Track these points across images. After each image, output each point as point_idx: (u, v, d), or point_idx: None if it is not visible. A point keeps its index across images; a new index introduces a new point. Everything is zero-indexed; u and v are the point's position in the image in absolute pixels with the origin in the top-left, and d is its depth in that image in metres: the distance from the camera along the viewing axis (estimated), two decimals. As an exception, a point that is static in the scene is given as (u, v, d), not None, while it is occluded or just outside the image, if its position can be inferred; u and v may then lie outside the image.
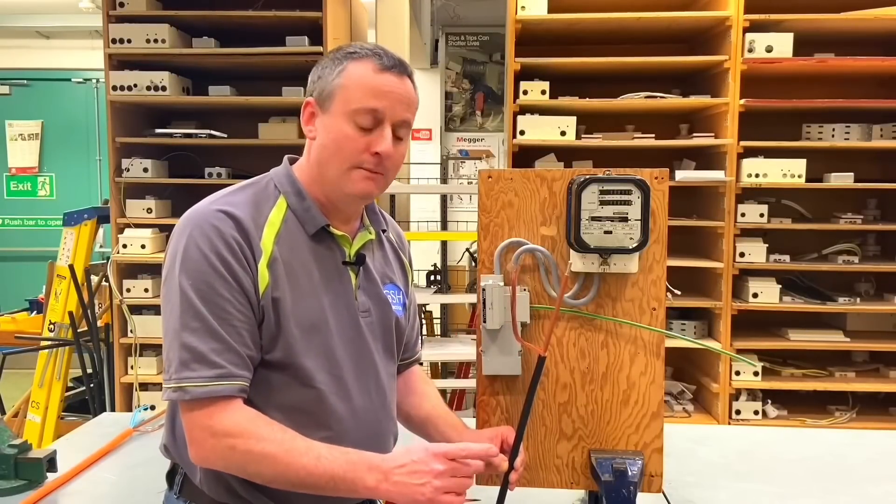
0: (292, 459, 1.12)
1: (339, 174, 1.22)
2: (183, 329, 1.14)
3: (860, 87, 3.37)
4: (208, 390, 1.13)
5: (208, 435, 1.13)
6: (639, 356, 1.39)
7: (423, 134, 6.31)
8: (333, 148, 1.21)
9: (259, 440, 1.13)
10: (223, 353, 1.14)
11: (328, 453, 1.14)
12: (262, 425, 1.15)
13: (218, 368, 1.13)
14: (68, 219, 3.73)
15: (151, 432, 2.06)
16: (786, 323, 3.31)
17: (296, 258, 1.22)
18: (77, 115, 7.09)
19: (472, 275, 4.53)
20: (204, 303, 1.14)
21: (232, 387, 1.14)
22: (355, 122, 1.20)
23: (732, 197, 3.15)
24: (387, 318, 1.35)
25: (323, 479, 1.13)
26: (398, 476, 1.13)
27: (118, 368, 3.51)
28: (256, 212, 1.22)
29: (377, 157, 1.21)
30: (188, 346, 1.13)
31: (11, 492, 1.65)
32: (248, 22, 3.38)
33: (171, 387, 1.14)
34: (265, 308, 1.18)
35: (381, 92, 1.20)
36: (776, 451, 2.03)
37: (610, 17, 3.14)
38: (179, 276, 1.15)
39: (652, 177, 1.36)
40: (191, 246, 1.16)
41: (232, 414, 1.14)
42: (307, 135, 1.27)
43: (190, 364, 1.13)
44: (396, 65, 1.23)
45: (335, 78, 1.22)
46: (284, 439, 1.14)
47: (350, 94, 1.20)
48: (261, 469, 1.13)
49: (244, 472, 1.15)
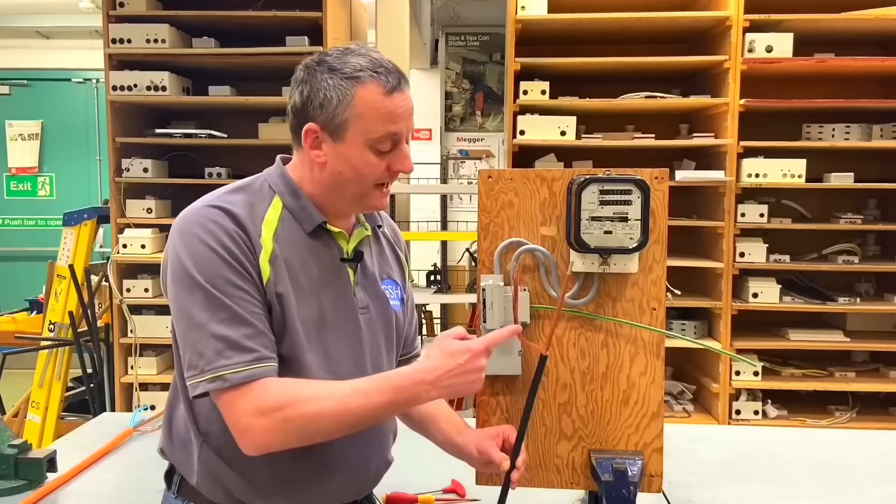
0: (344, 406, 1.13)
1: (361, 195, 1.25)
2: (210, 321, 1.13)
3: (860, 87, 3.36)
4: (247, 374, 1.13)
5: (257, 416, 1.12)
6: (639, 356, 1.39)
7: (423, 134, 6.31)
8: (355, 175, 1.23)
9: (307, 401, 1.13)
10: (255, 338, 1.15)
11: (372, 386, 1.15)
12: (303, 386, 1.16)
13: (253, 353, 1.14)
14: (68, 219, 3.73)
15: (151, 432, 2.06)
16: (786, 323, 3.31)
17: (295, 256, 1.23)
18: (77, 115, 7.09)
19: (472, 275, 4.53)
20: (223, 294, 1.14)
21: (268, 368, 1.15)
22: (377, 149, 1.21)
23: (732, 197, 3.15)
24: (385, 315, 1.35)
25: (379, 412, 1.16)
26: (447, 381, 1.16)
27: (118, 368, 3.51)
28: (252, 211, 1.22)
29: (398, 174, 1.25)
30: (219, 335, 1.13)
31: (11, 492, 1.65)
32: (248, 22, 3.38)
33: (205, 378, 1.13)
34: (271, 301, 1.19)
35: (397, 115, 1.21)
36: (776, 451, 2.03)
37: (610, 17, 3.14)
38: (192, 272, 1.14)
39: (652, 177, 1.36)
40: (196, 242, 1.16)
41: (271, 388, 1.14)
42: (314, 159, 1.23)
43: (224, 352, 1.13)
44: (399, 82, 1.22)
45: (346, 110, 1.19)
46: (328, 391, 1.15)
47: (367, 125, 1.20)
48: (320, 427, 1.14)
49: (304, 436, 1.15)
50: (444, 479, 1.73)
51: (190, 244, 1.16)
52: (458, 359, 1.16)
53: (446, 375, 1.15)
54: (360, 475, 1.31)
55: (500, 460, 1.31)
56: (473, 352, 1.17)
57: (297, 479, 1.23)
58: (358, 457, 1.29)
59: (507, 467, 1.30)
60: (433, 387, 1.15)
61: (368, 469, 1.32)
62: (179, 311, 1.17)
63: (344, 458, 1.27)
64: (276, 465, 1.21)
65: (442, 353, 1.17)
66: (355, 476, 1.30)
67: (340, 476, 1.27)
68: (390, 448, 1.39)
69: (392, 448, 1.40)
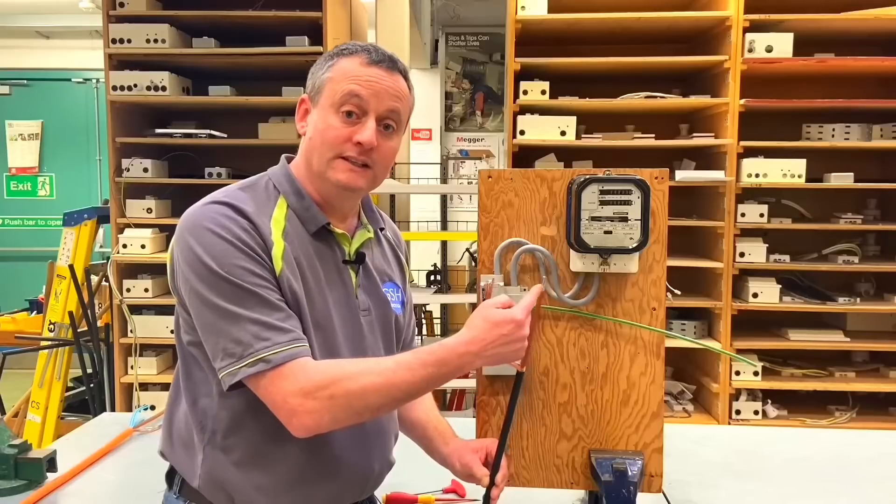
0: (391, 381, 1.13)
1: (324, 164, 1.23)
2: (242, 309, 1.13)
3: (860, 87, 3.37)
4: (289, 353, 1.12)
5: (303, 397, 1.11)
6: (639, 356, 1.39)
7: (423, 134, 6.31)
8: (318, 139, 1.23)
9: (350, 378, 1.13)
10: (288, 320, 1.15)
11: (416, 360, 1.15)
12: (345, 364, 1.17)
13: (290, 333, 1.14)
14: (68, 219, 3.73)
15: (151, 432, 2.06)
16: (786, 323, 3.31)
17: (303, 255, 1.23)
18: (77, 115, 7.09)
19: (472, 275, 4.53)
20: (248, 283, 1.14)
21: (305, 348, 1.15)
22: (340, 112, 1.21)
23: (732, 197, 3.15)
24: (386, 317, 1.35)
25: (424, 384, 1.16)
26: (492, 350, 1.16)
27: (118, 368, 3.51)
28: (259, 209, 1.22)
29: (360, 146, 1.21)
30: (255, 320, 1.12)
31: (11, 492, 1.65)
32: (248, 22, 3.38)
33: (246, 363, 1.11)
34: (286, 294, 1.18)
35: (366, 81, 1.21)
36: (776, 451, 2.03)
37: (610, 17, 3.14)
38: (213, 266, 1.14)
39: (652, 177, 1.36)
40: (210, 236, 1.15)
41: (312, 368, 1.13)
42: (299, 131, 1.28)
43: (262, 335, 1.12)
44: (385, 59, 1.23)
45: (324, 73, 1.24)
46: (372, 367, 1.15)
47: (336, 86, 1.22)
48: (368, 402, 1.13)
49: (353, 413, 1.14)
50: (444, 479, 1.73)
51: (204, 239, 1.15)
52: (502, 329, 1.16)
53: (491, 345, 1.16)
54: (362, 476, 1.31)
55: (481, 475, 1.31)
56: (517, 321, 1.17)
57: (301, 480, 1.23)
58: (361, 458, 1.29)
59: (486, 484, 1.30)
60: (478, 357, 1.16)
61: (371, 470, 1.32)
62: (203, 305, 1.15)
63: (347, 460, 1.26)
64: (280, 467, 1.21)
65: (486, 322, 1.17)
66: (358, 477, 1.30)
67: (343, 477, 1.27)
68: (392, 449, 1.39)
69: (394, 449, 1.40)
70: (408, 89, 1.28)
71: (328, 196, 1.27)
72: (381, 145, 1.23)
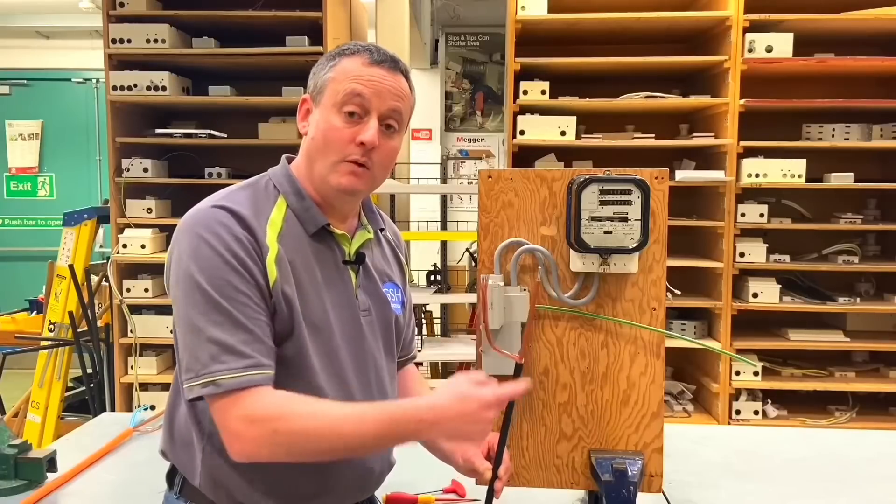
0: (336, 429, 1.11)
1: (327, 168, 1.23)
2: (207, 325, 1.12)
3: (860, 87, 3.37)
4: (242, 380, 1.11)
5: (248, 424, 1.10)
6: (639, 356, 1.39)
7: (423, 134, 6.31)
8: (321, 140, 1.22)
9: (300, 417, 1.11)
10: (251, 344, 1.13)
11: (370, 413, 1.13)
12: (299, 402, 1.13)
13: (248, 358, 1.12)
14: (68, 219, 3.73)
15: (151, 432, 2.06)
16: (786, 323, 3.31)
17: (299, 257, 1.22)
18: (77, 115, 7.09)
19: (472, 275, 4.53)
20: (224, 298, 1.13)
21: (263, 376, 1.13)
22: (342, 112, 1.21)
23: (732, 197, 3.15)
24: (386, 317, 1.35)
25: (371, 441, 1.13)
26: (449, 425, 1.13)
27: (118, 368, 3.51)
28: (257, 211, 1.22)
29: (362, 147, 1.21)
30: (215, 339, 1.12)
31: (11, 492, 1.65)
32: (248, 22, 3.38)
33: (200, 383, 1.12)
34: (277, 302, 1.18)
35: (368, 81, 1.21)
36: (776, 451, 2.03)
37: (610, 17, 3.14)
38: (195, 275, 1.14)
39: (652, 177, 1.36)
40: (200, 244, 1.15)
41: (266, 398, 1.12)
42: (300, 131, 1.28)
43: (219, 357, 1.11)
44: (387, 59, 1.24)
45: (326, 73, 1.24)
46: (324, 410, 1.13)
47: (338, 86, 1.22)
48: (308, 446, 1.12)
49: (292, 453, 1.13)
50: (444, 479, 1.73)
51: (195, 246, 1.16)
52: (466, 406, 1.13)
53: (449, 419, 1.13)
54: (363, 476, 1.31)
55: (484, 469, 1.30)
56: (482, 402, 1.13)
57: (301, 480, 1.23)
58: (361, 459, 1.29)
59: (489, 477, 1.30)
60: (433, 426, 1.13)
61: (371, 471, 1.32)
62: (179, 313, 1.16)
63: (347, 460, 1.26)
64: (279, 467, 1.21)
65: (452, 395, 1.14)
66: (358, 478, 1.30)
67: (344, 477, 1.27)
68: (392, 450, 1.39)
69: (394, 450, 1.40)
70: (409, 89, 1.28)
71: (329, 197, 1.27)
72: (383, 145, 1.23)
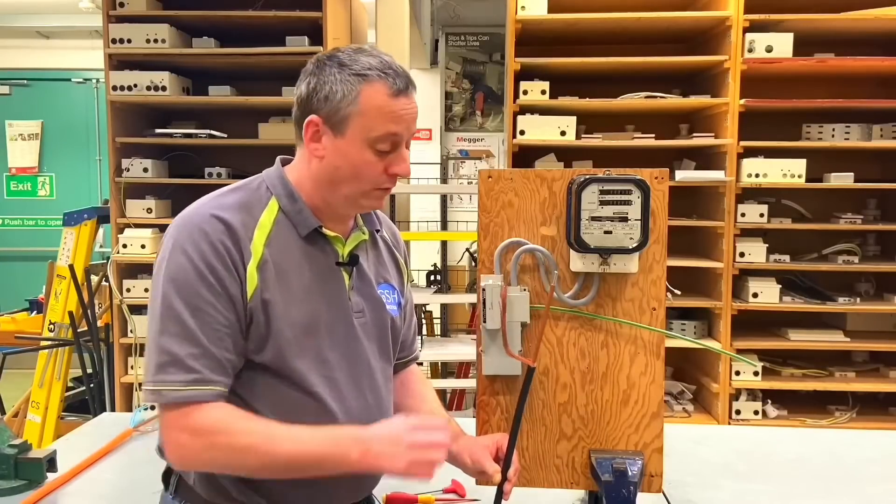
0: (275, 447, 1.13)
1: (358, 194, 1.24)
2: (162, 333, 1.15)
3: (860, 87, 3.36)
4: (183, 395, 1.13)
5: (187, 436, 1.14)
6: (639, 356, 1.39)
7: (423, 134, 6.31)
8: (352, 172, 1.22)
9: (239, 433, 1.14)
10: (199, 359, 1.14)
11: (310, 435, 1.15)
12: (240, 418, 1.16)
13: (193, 373, 1.14)
14: (68, 219, 3.73)
15: (151, 432, 2.06)
16: (786, 323, 3.31)
17: (287, 260, 1.22)
18: (77, 115, 7.09)
19: (472, 275, 4.53)
20: (186, 307, 1.14)
21: (207, 392, 1.15)
22: (376, 148, 1.21)
23: (732, 197, 3.15)
24: (381, 319, 1.34)
25: (308, 461, 1.15)
26: (378, 446, 1.14)
27: (118, 368, 3.51)
28: (247, 214, 1.22)
29: (395, 177, 1.24)
30: (165, 349, 1.14)
31: (11, 492, 1.65)
32: (248, 22, 3.38)
33: (148, 389, 1.16)
34: (253, 311, 1.18)
35: (400, 117, 1.21)
36: (776, 451, 2.03)
37: (610, 17, 3.14)
38: (164, 281, 1.16)
39: (652, 177, 1.36)
40: (176, 250, 1.17)
41: (209, 412, 1.14)
42: (312, 153, 1.24)
43: (166, 368, 1.14)
44: (407, 85, 1.22)
45: (349, 105, 1.19)
46: (264, 429, 1.15)
47: (369, 123, 1.19)
48: (245, 461, 1.14)
49: (228, 467, 1.16)
50: (444, 479, 1.73)
51: (171, 250, 1.18)
52: (398, 427, 1.16)
53: (378, 439, 1.15)
54: (358, 476, 1.31)
55: (493, 471, 1.31)
56: (412, 426, 1.16)
57: (296, 481, 1.23)
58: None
59: (499, 480, 1.30)
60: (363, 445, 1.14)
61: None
62: (148, 314, 1.20)
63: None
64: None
65: (392, 423, 1.18)
66: (354, 477, 1.30)
67: (339, 477, 1.27)
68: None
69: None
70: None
71: (340, 209, 1.28)
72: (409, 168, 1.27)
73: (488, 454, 1.34)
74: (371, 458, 1.14)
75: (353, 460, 1.14)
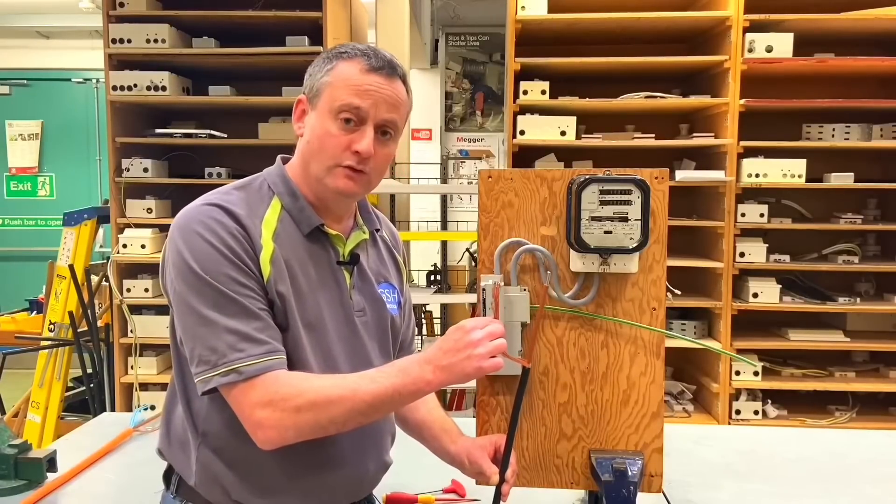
0: (355, 394, 1.13)
1: (322, 171, 1.23)
2: (220, 316, 1.13)
3: (860, 87, 3.36)
4: (262, 366, 1.13)
5: (269, 409, 1.12)
6: (639, 356, 1.39)
7: (423, 134, 6.31)
8: (317, 145, 1.23)
9: (316, 390, 1.14)
10: (265, 331, 1.16)
11: (380, 374, 1.16)
12: (310, 377, 1.17)
13: (266, 345, 1.15)
14: (68, 219, 3.73)
15: (151, 432, 2.06)
16: (786, 323, 3.31)
17: (294, 257, 1.23)
18: (77, 115, 7.09)
19: (472, 275, 4.53)
20: (231, 290, 1.14)
21: (279, 360, 1.16)
22: (338, 119, 1.21)
23: (732, 197, 3.15)
24: (382, 317, 1.35)
25: (389, 397, 1.15)
26: (445, 360, 1.15)
27: (118, 368, 3.51)
28: (251, 211, 1.22)
29: (357, 155, 1.21)
30: (231, 329, 1.13)
31: (11, 492, 1.65)
32: (248, 22, 3.38)
33: (219, 372, 1.13)
34: (272, 299, 1.19)
35: (366, 91, 1.21)
36: (776, 451, 2.03)
37: (610, 17, 3.14)
38: (197, 270, 1.14)
39: (652, 177, 1.36)
40: (198, 240, 1.16)
41: (282, 379, 1.14)
42: (296, 132, 1.28)
43: (237, 345, 1.13)
44: (385, 65, 1.23)
45: (323, 76, 1.23)
46: (336, 380, 1.16)
47: (335, 92, 1.21)
48: (332, 414, 1.13)
49: (317, 426, 1.14)
50: (444, 479, 1.73)
51: (191, 242, 1.16)
52: (452, 336, 1.17)
53: (444, 354, 1.15)
54: (357, 476, 1.31)
55: (491, 472, 1.31)
56: (465, 329, 1.17)
57: (295, 479, 1.23)
58: (355, 458, 1.29)
59: (497, 481, 1.30)
60: (431, 363, 1.15)
61: (366, 470, 1.32)
62: (185, 309, 1.16)
63: (341, 459, 1.27)
64: (273, 466, 1.21)
65: (444, 337, 1.18)
66: (353, 477, 1.30)
67: (338, 477, 1.27)
68: (388, 450, 1.39)
69: (391, 450, 1.40)
70: (406, 94, 1.28)
71: (324, 199, 1.27)
72: (378, 153, 1.24)
73: (486, 455, 1.34)
74: (444, 373, 1.15)
75: (430, 380, 1.15)
